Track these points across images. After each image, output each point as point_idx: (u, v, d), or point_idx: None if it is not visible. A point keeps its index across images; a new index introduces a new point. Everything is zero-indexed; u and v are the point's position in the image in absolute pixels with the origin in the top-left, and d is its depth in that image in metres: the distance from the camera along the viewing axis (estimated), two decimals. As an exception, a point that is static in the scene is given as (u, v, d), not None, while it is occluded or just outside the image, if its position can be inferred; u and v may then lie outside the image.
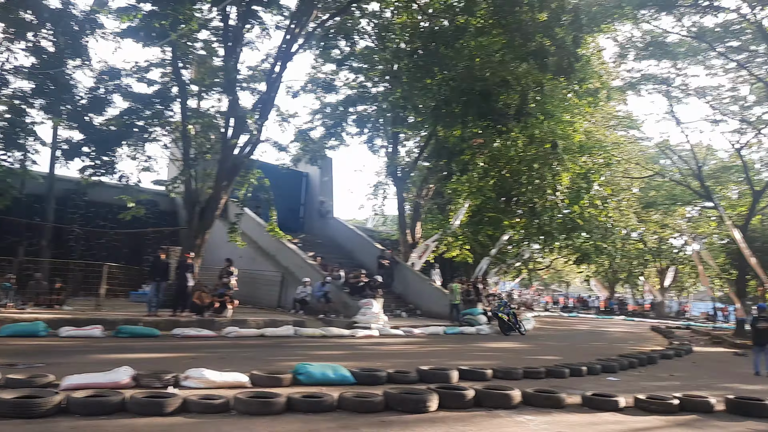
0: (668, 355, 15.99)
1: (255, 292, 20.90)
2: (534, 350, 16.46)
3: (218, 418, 6.42)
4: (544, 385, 9.28)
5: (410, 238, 26.43)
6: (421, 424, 6.72)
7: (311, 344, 14.10)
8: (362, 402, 7.19)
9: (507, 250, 30.43)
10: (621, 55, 27.63)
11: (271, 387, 7.84)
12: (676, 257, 45.44)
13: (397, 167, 26.02)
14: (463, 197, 23.99)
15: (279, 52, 18.24)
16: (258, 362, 10.09)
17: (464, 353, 14.12)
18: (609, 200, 29.21)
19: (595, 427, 7.25)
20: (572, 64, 20.27)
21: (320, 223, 29.05)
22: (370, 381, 8.72)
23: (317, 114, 26.70)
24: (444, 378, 9.14)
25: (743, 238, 25.31)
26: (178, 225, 23.18)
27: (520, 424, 7.07)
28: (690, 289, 55.29)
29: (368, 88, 26.41)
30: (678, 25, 24.06)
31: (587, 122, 27.10)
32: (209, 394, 7.09)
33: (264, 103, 18.07)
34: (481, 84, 19.89)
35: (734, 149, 30.04)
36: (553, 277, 61.88)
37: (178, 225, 23.18)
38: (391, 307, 21.70)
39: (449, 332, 18.91)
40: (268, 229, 19.53)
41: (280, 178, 23.10)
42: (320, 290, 19.44)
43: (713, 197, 28.83)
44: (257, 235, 22.45)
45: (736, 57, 25.04)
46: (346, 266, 22.93)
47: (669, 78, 27.84)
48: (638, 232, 42.38)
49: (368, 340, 15.88)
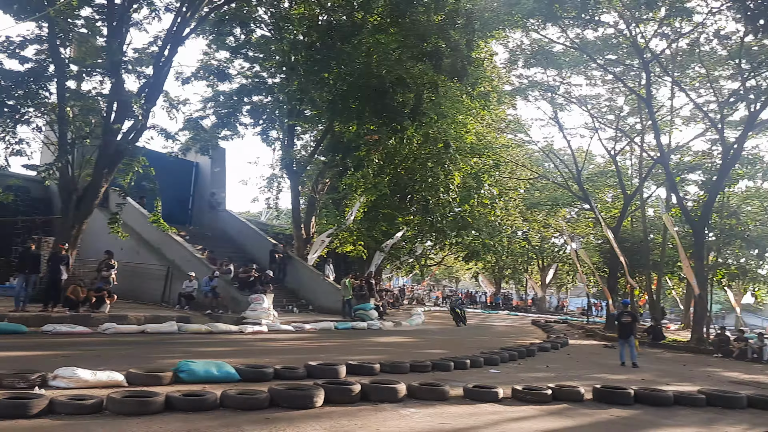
0: (546, 347, 16.91)
1: (137, 286, 19.93)
2: (422, 344, 16.83)
3: (89, 420, 6.04)
4: (430, 378, 9.50)
5: (304, 232, 26.20)
6: (307, 420, 6.65)
7: (196, 341, 13.62)
8: (246, 399, 7.01)
9: (401, 246, 30.96)
10: (511, 61, 28.87)
11: (149, 386, 7.46)
12: (556, 255, 48.28)
13: (292, 160, 25.67)
14: (359, 193, 24.10)
15: (169, 35, 17.41)
16: (137, 360, 9.60)
17: (354, 348, 14.17)
18: (497, 200, 30.46)
19: (475, 417, 7.50)
20: (465, 67, 20.91)
21: (211, 216, 28.13)
22: (256, 378, 8.53)
23: (210, 102, 25.78)
24: (332, 373, 9.11)
25: (615, 238, 27.26)
26: (53, 214, 21.61)
27: (405, 417, 7.17)
28: (568, 286, 58.97)
29: (264, 79, 25.86)
30: (563, 36, 25.49)
31: (479, 124, 28.09)
32: (80, 394, 6.64)
33: (151, 87, 17.19)
34: (378, 81, 20.04)
35: (610, 155, 32.30)
36: (444, 273, 63.82)
37: (53, 214, 21.61)
38: (283, 303, 21.42)
39: (340, 327, 18.92)
40: (152, 219, 18.62)
41: (167, 167, 22.15)
42: (208, 285, 18.81)
43: (590, 200, 30.82)
44: (141, 226, 21.37)
45: (613, 69, 26.90)
46: (236, 260, 22.34)
47: (554, 86, 29.42)
48: (523, 231, 44.57)
49: (257, 336, 15.57)
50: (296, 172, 25.91)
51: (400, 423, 6.88)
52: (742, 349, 18.89)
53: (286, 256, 24.07)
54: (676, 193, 24.79)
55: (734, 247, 28.59)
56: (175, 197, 26.80)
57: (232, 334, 15.42)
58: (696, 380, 12.58)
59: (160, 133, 18.98)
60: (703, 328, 22.31)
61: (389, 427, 6.62)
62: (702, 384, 11.57)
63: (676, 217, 27.71)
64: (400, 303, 37.45)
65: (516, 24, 22.69)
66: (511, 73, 29.78)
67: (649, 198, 34.10)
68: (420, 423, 6.96)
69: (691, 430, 7.71)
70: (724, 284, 32.12)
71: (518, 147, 37.07)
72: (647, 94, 24.42)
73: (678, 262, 28.17)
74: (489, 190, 28.79)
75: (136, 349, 11.43)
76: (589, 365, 14.52)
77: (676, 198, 24.89)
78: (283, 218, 39.79)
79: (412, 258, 34.11)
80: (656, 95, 30.40)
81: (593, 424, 7.71)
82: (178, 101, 19.14)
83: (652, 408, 8.87)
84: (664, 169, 25.15)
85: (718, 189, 23.34)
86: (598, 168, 39.61)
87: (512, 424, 7.27)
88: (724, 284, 32.05)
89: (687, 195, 30.28)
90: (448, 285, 68.18)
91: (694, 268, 22.64)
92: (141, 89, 17.61)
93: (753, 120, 21.86)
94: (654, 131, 24.54)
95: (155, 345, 12.43)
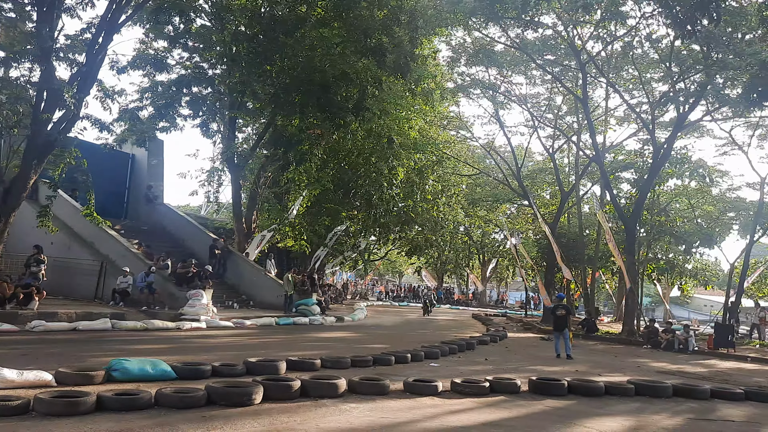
0: (485, 341, 17.26)
1: (69, 282, 19.16)
2: (364, 339, 16.89)
3: (15, 422, 5.77)
4: (371, 373, 9.53)
5: (246, 227, 25.78)
6: (245, 418, 6.56)
7: (131, 338, 13.23)
8: (182, 397, 6.86)
9: (344, 240, 30.92)
10: (454, 59, 29.22)
11: (80, 385, 7.21)
12: (497, 250, 49.32)
13: (233, 154, 25.17)
14: (302, 187, 23.90)
15: (103, 22, 16.72)
16: (67, 359, 9.25)
17: (296, 344, 14.09)
18: (440, 195, 30.83)
19: (415, 411, 7.58)
20: (409, 63, 21.02)
21: (147, 209, 27.30)
22: (193, 375, 8.35)
23: (147, 93, 24.95)
24: (272, 369, 9.02)
25: (552, 234, 28.07)
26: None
27: (345, 412, 7.17)
28: (508, 280, 60.32)
29: (204, 70, 25.22)
30: (504, 36, 25.99)
31: (422, 120, 28.32)
32: (6, 395, 6.34)
33: (84, 76, 16.46)
34: (321, 76, 19.90)
35: (548, 153, 33.20)
36: (388, 267, 64.19)
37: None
38: (223, 299, 21.06)
39: (282, 323, 18.77)
40: (85, 213, 17.91)
41: (102, 159, 21.30)
42: (144, 281, 18.27)
43: (529, 196, 31.60)
44: (73, 220, 20.55)
45: (552, 70, 27.64)
46: (174, 255, 21.78)
47: (495, 84, 29.99)
48: (465, 227, 45.31)
49: (196, 332, 15.25)
50: (237, 165, 25.44)
51: (340, 418, 6.88)
52: (670, 340, 19.79)
53: (226, 251, 23.64)
54: (610, 191, 25.70)
55: (663, 243, 29.91)
56: (110, 190, 25.89)
57: (169, 331, 15.05)
58: (626, 371, 13.10)
59: (94, 123, 18.22)
60: (633, 320, 23.25)
61: (329, 423, 6.61)
62: (632, 374, 12.07)
63: (609, 214, 28.76)
64: (343, 298, 37.45)
65: (458, 22, 22.98)
66: (453, 71, 30.14)
67: (585, 195, 35.29)
68: (360, 418, 6.97)
69: (621, 419, 8.03)
70: (654, 278, 33.61)
71: (461, 143, 37.60)
72: (584, 94, 25.22)
73: (611, 257, 29.26)
74: (432, 185, 29.12)
75: (66, 348, 11.00)
76: (527, 357, 14.91)
77: (609, 195, 25.81)
78: (223, 212, 39.01)
79: (356, 253, 34.11)
80: (592, 96, 31.45)
81: (529, 415, 7.92)
82: (114, 91, 18.38)
83: (584, 398, 9.19)
84: (599, 167, 26.05)
85: (649, 187, 24.35)
86: (537, 165, 40.67)
87: (451, 417, 7.38)
88: (653, 278, 33.54)
89: (620, 192, 31.44)
90: (392, 280, 68.58)
91: (625, 262, 23.55)
92: (73, 77, 16.85)
93: (681, 121, 22.89)
94: (590, 130, 25.37)
95: (87, 343, 12.00)
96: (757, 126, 27.41)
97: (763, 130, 28.35)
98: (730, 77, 21.29)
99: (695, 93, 21.95)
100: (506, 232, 37.95)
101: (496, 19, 22.66)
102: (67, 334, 13.16)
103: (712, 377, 12.96)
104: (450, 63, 29.77)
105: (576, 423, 7.53)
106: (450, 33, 26.97)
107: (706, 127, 30.22)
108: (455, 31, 26.88)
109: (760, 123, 27.31)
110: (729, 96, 21.09)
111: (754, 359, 17.89)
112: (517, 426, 7.20)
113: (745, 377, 13.46)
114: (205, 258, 22.60)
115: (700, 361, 16.78)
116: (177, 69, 25.65)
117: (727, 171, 47.60)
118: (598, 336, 22.67)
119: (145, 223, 26.32)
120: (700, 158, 30.47)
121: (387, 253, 44.67)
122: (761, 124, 27.66)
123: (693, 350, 19.25)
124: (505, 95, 31.03)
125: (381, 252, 43.51)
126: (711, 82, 20.75)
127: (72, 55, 17.17)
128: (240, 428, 6.16)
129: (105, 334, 13.53)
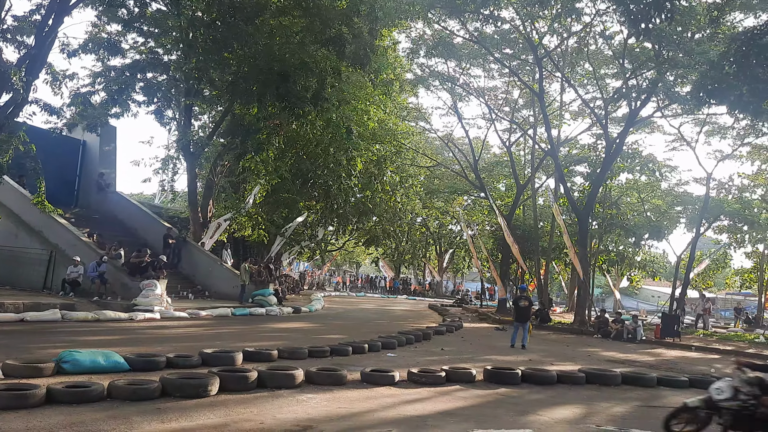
0: (441, 331, 17.47)
1: (15, 272, 18.59)
2: (321, 330, 16.90)
3: (-41, 416, 5.60)
4: (328, 364, 9.57)
5: (201, 216, 25.35)
6: (200, 410, 6.51)
7: (82, 329, 12.92)
8: (136, 389, 6.76)
9: (301, 231, 30.75)
10: (413, 50, 29.27)
11: (28, 378, 7.02)
12: (453, 241, 49.83)
13: (189, 142, 24.66)
14: (261, 176, 23.63)
15: (53, 4, 16.14)
16: (15, 351, 8.99)
17: (252, 335, 14.00)
18: (398, 187, 30.92)
19: (372, 401, 7.65)
20: (368, 54, 20.99)
21: (99, 197, 26.57)
22: (147, 367, 8.23)
23: (99, 78, 24.19)
24: (228, 361, 8.96)
25: (508, 226, 28.52)
26: None
27: (302, 403, 7.19)
28: (464, 271, 61.05)
29: (160, 55, 24.60)
30: (463, 29, 26.15)
31: (381, 111, 28.31)
32: (-52, 390, 6.13)
33: (33, 59, 15.87)
34: (280, 65, 19.67)
35: (505, 146, 33.66)
36: (345, 258, 64.14)
37: None
38: (177, 289, 20.70)
39: (238, 314, 18.59)
40: (35, 201, 17.35)
41: (51, 144, 20.68)
42: (95, 270, 17.83)
43: (486, 189, 32.01)
44: (20, 208, 19.89)
45: (509, 64, 27.99)
46: (127, 245, 21.29)
47: (454, 76, 30.18)
48: (422, 218, 45.61)
49: (149, 323, 14.99)
50: (193, 153, 24.95)
51: (297, 409, 6.90)
52: (619, 330, 20.41)
53: (180, 240, 23.23)
54: (564, 184, 26.24)
55: (614, 235, 30.74)
56: (60, 177, 25.08)
57: (121, 321, 14.75)
58: (577, 360, 13.47)
59: (44, 108, 17.62)
60: (585, 310, 23.88)
61: (286, 414, 6.61)
62: (583, 363, 12.42)
63: (563, 207, 29.38)
64: (301, 288, 37.31)
65: (417, 14, 22.99)
66: (413, 62, 30.21)
67: (540, 188, 35.93)
68: (317, 408, 7.00)
69: (572, 407, 8.28)
70: (605, 270, 34.55)
71: (419, 135, 37.76)
72: (540, 88, 25.63)
73: (564, 248, 29.92)
74: (390, 176, 29.17)
75: (13, 339, 10.68)
76: (482, 347, 15.17)
77: (563, 188, 26.35)
78: (178, 201, 38.26)
79: (313, 243, 33.96)
80: (548, 90, 31.94)
81: (484, 403, 8.09)
82: (64, 75, 17.80)
83: (537, 387, 9.44)
84: (554, 160, 26.56)
85: (601, 181, 24.98)
86: (494, 158, 41.17)
87: (407, 407, 7.48)
88: (604, 270, 34.48)
89: (574, 186, 32.14)
90: (349, 270, 68.62)
91: (578, 254, 24.13)
92: (21, 60, 16.23)
93: (633, 117, 23.52)
94: (545, 124, 25.82)
95: (36, 334, 11.67)
96: (704, 123, 28.35)
97: (710, 127, 29.33)
98: (680, 75, 21.97)
99: (647, 90, 22.57)
100: (462, 223, 38.38)
101: (455, 12, 22.79)
102: (14, 325, 12.75)
103: (659, 365, 13.46)
104: (409, 54, 29.82)
105: (529, 411, 7.73)
106: (410, 25, 26.99)
107: (656, 123, 31.12)
108: (415, 23, 26.92)
109: (707, 120, 28.25)
110: (679, 93, 21.73)
111: (698, 348, 18.61)
112: (472, 415, 7.34)
113: (689, 365, 14.02)
114: (159, 247, 22.17)
115: (648, 350, 17.39)
116: (131, 54, 24.99)
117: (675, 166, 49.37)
118: (551, 326, 23.21)
119: (96, 211, 25.63)
120: (650, 153, 31.41)
121: (344, 243, 44.63)
122: (709, 122, 28.62)
123: (641, 340, 19.92)
124: (463, 88, 31.27)
125: (338, 243, 43.45)
126: (662, 80, 21.36)
127: (20, 37, 16.58)
128: (196, 420, 6.11)
129: (54, 326, 13.17)
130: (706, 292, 35.79)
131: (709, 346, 19.00)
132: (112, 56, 23.63)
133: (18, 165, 17.48)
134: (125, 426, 5.70)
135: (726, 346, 19.33)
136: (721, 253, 35.87)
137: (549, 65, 26.95)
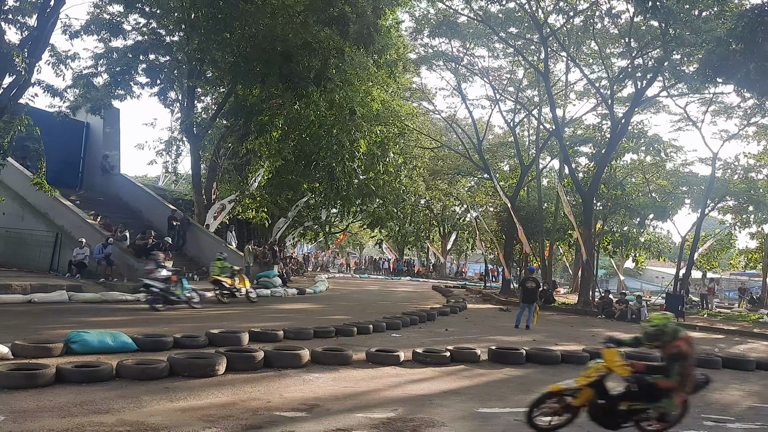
0: (445, 312, 17.54)
1: (22, 254, 18.70)
2: (326, 310, 16.98)
3: (-30, 396, 5.67)
4: (333, 344, 9.63)
5: (205, 198, 25.38)
6: (208, 388, 6.58)
7: (89, 310, 13.02)
8: (144, 369, 6.83)
9: (305, 213, 30.77)
10: (417, 30, 29.01)
11: (38, 358, 7.10)
12: (457, 223, 49.79)
13: (192, 123, 24.59)
14: (264, 158, 23.59)
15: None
16: (24, 331, 9.08)
17: (258, 316, 14.08)
18: (402, 168, 30.83)
19: (377, 380, 7.71)
20: (372, 34, 20.74)
21: (103, 179, 26.59)
22: (154, 347, 8.30)
23: (102, 59, 24.07)
24: (234, 341, 9.03)
25: (512, 207, 28.48)
26: None
27: (308, 382, 7.25)
28: (468, 252, 61.09)
29: (162, 36, 24.44)
30: (467, 8, 25.88)
31: (385, 92, 28.13)
32: (-41, 370, 6.20)
33: (35, 40, 15.79)
34: (283, 45, 19.51)
35: (509, 127, 33.49)
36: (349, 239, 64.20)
37: None
38: (183, 271, 20.73)
39: (243, 295, 18.65)
40: (34, 182, 17.34)
41: (54, 127, 20.60)
42: (101, 252, 17.90)
43: (490, 169, 31.91)
44: (26, 190, 19.92)
45: (514, 43, 27.73)
46: (132, 227, 21.37)
47: (458, 56, 29.94)
48: (426, 200, 45.53)
49: (156, 304, 15.05)
50: (197, 135, 24.90)
51: (304, 388, 6.95)
52: (623, 310, 20.46)
53: (185, 222, 23.28)
54: (569, 164, 26.14)
55: (619, 216, 30.66)
56: (64, 159, 25.07)
57: (128, 302, 14.85)
58: (581, 340, 13.53)
59: (46, 90, 17.58)
60: (589, 291, 23.92)
61: (292, 393, 6.67)
62: (587, 343, 12.48)
63: (567, 187, 29.29)
64: (305, 270, 37.43)
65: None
66: (417, 42, 29.95)
67: (544, 168, 35.81)
68: (323, 387, 7.06)
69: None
70: (610, 251, 34.53)
71: (423, 116, 37.55)
72: (545, 68, 25.42)
73: (568, 229, 29.90)
74: (394, 158, 29.06)
75: (22, 320, 10.77)
76: (486, 328, 15.23)
77: (568, 169, 26.24)
78: (182, 183, 38.28)
79: (317, 225, 33.99)
80: (553, 70, 31.66)
81: (488, 383, 8.15)
82: (67, 56, 17.71)
83: (541, 366, 9.49)
84: (558, 141, 26.43)
85: (606, 161, 24.87)
86: (498, 139, 40.98)
87: (413, 386, 7.53)
88: (609, 251, 34.46)
89: (578, 166, 31.99)
90: (353, 252, 68.74)
91: (582, 235, 24.11)
92: (24, 41, 16.15)
93: (639, 97, 23.35)
94: (550, 104, 25.66)
95: (44, 315, 11.77)
96: (710, 102, 28.13)
97: (716, 107, 29.11)
98: (686, 53, 21.72)
99: (653, 69, 22.35)
100: (467, 205, 38.31)
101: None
102: (22, 306, 12.87)
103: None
104: (413, 34, 29.56)
105: (533, 390, 7.75)
106: (413, 4, 26.71)
107: (662, 102, 30.86)
108: (418, 2, 26.66)
109: (713, 99, 28.03)
110: (685, 72, 21.52)
111: (702, 328, 18.66)
112: (477, 394, 7.39)
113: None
114: (164, 229, 22.22)
115: (651, 330, 17.38)
116: (133, 35, 24.79)
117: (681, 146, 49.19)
118: (555, 307, 23.28)
119: (101, 193, 25.67)
120: (655, 133, 31.15)
121: (348, 225, 44.63)
122: (715, 101, 28.40)
123: (645, 320, 19.97)
124: (467, 68, 31.03)
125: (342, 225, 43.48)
126: (668, 58, 21.15)
127: (22, 18, 16.47)
128: (203, 399, 6.17)
129: (62, 307, 13.28)
130: (710, 272, 35.79)
131: (713, 326, 19.05)
132: (114, 37, 23.46)
133: (22, 147, 17.51)
134: (134, 405, 5.76)
135: (730, 326, 19.38)
136: (725, 234, 35.80)
137: (554, 44, 26.66)
